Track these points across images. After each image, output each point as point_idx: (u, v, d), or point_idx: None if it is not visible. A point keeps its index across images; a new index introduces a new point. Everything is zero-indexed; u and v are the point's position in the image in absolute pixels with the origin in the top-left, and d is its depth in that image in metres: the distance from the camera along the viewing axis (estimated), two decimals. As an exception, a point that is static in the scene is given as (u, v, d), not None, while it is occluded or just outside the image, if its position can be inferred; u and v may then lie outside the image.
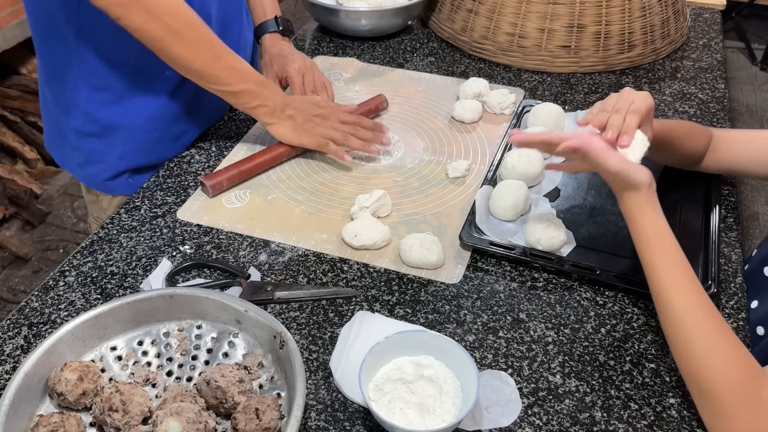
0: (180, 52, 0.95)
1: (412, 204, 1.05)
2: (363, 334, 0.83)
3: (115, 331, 0.78)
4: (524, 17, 1.36)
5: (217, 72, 0.99)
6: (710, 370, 0.69)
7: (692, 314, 0.72)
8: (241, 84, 1.01)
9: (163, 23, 0.91)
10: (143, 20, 0.90)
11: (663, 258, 0.76)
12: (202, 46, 0.96)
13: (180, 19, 0.93)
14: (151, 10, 0.90)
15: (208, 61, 0.97)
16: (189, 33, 0.94)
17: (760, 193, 2.69)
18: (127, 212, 1.03)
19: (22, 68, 2.57)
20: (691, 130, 0.98)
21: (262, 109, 1.04)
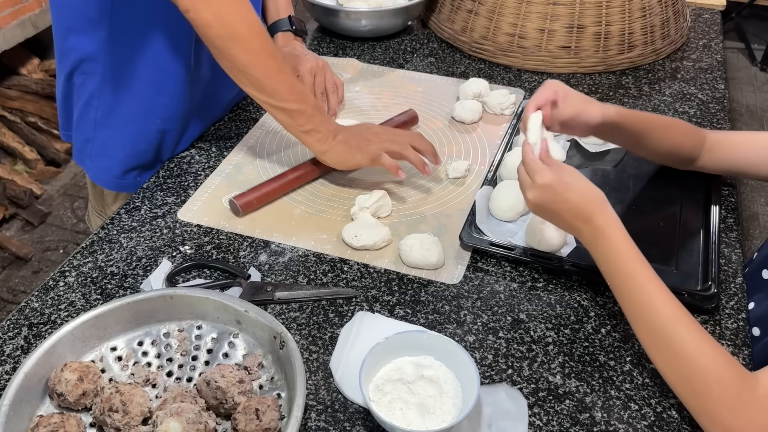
0: (242, 57, 0.93)
1: (412, 204, 1.05)
2: (363, 334, 0.83)
3: (115, 331, 0.78)
4: (524, 18, 1.36)
5: (276, 85, 0.96)
6: (703, 370, 0.69)
7: (679, 318, 0.72)
8: (298, 103, 0.97)
9: (227, 24, 0.90)
10: (209, 17, 0.89)
11: (642, 267, 0.75)
12: (265, 56, 0.94)
13: (245, 23, 0.91)
14: (216, 9, 0.89)
15: (269, 72, 0.95)
16: (252, 39, 0.92)
17: (760, 193, 2.69)
18: (127, 212, 1.03)
19: (22, 68, 2.58)
20: (673, 123, 0.98)
21: (316, 135, 1.00)
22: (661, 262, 0.93)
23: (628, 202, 1.04)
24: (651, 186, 1.07)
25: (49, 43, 2.66)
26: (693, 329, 0.71)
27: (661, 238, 0.97)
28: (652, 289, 0.74)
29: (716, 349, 0.70)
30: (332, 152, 1.02)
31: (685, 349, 0.71)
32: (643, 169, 1.09)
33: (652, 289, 0.74)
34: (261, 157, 1.14)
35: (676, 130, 0.97)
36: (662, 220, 1.00)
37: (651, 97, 1.31)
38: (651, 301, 0.74)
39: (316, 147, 1.02)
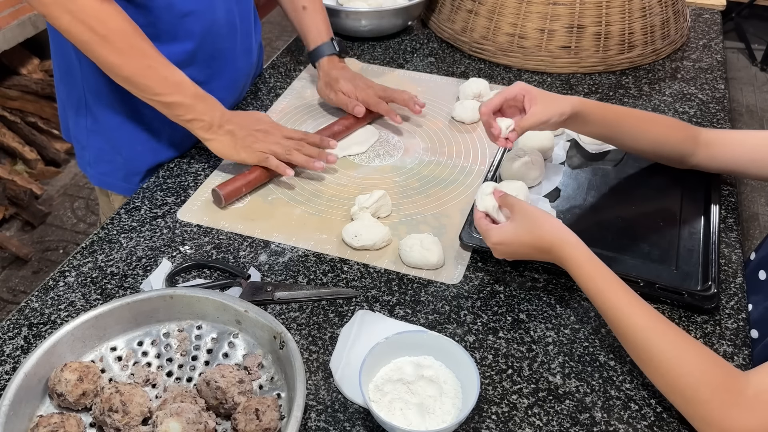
0: (108, 58, 0.94)
1: (412, 204, 1.05)
2: (363, 334, 0.83)
3: (115, 331, 0.78)
4: (524, 18, 1.36)
5: (146, 81, 0.97)
6: (687, 376, 0.70)
7: (654, 328, 0.73)
8: (173, 96, 0.99)
9: (87, 27, 0.90)
10: (68, 22, 0.90)
11: (608, 284, 0.77)
12: (131, 54, 0.95)
13: (107, 24, 0.91)
14: (74, 12, 0.89)
15: (138, 70, 0.96)
16: (117, 39, 0.93)
17: (760, 193, 2.69)
18: (127, 213, 1.03)
19: (22, 68, 2.57)
20: (655, 118, 0.99)
21: (198, 123, 1.02)
22: (661, 262, 0.93)
23: (628, 202, 1.04)
24: (651, 186, 1.07)
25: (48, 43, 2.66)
26: (671, 337, 0.72)
27: (661, 238, 0.97)
28: (622, 304, 0.75)
29: (699, 352, 0.70)
30: (217, 142, 1.04)
31: (666, 358, 0.71)
32: (644, 169, 1.09)
33: (622, 304, 0.75)
34: (261, 157, 1.14)
35: (659, 124, 0.98)
36: (662, 220, 1.00)
37: (651, 97, 1.31)
38: (624, 317, 0.75)
39: (199, 135, 1.04)
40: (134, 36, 0.95)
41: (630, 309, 0.74)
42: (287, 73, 1.39)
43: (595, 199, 1.05)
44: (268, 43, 3.41)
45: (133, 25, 0.94)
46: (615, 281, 0.77)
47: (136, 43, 0.95)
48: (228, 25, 1.12)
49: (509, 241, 0.84)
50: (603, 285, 0.77)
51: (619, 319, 0.75)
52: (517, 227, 0.83)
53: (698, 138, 0.98)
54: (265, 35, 3.50)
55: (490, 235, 0.85)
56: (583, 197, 1.05)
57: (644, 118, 0.98)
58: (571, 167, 1.11)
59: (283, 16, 1.78)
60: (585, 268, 0.78)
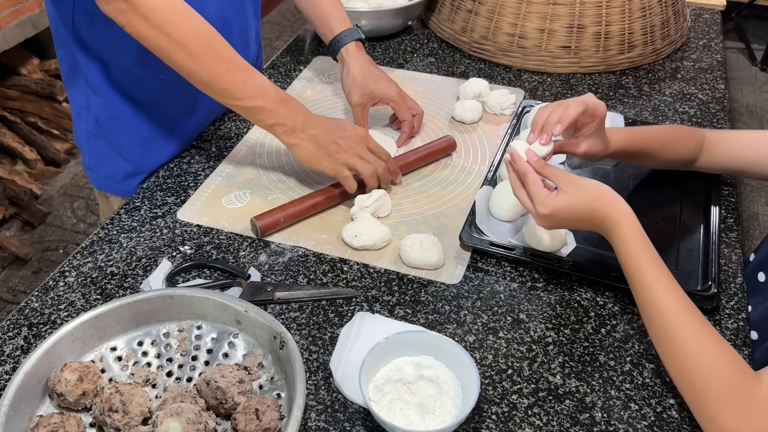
0: (185, 63, 0.92)
1: (412, 204, 1.05)
2: (363, 334, 0.83)
3: (115, 331, 0.78)
4: (524, 18, 1.36)
5: (226, 85, 0.95)
6: (702, 368, 0.69)
7: (682, 315, 0.72)
8: (254, 100, 0.96)
9: (162, 32, 0.89)
10: (143, 28, 0.89)
11: (651, 264, 0.76)
12: (209, 58, 0.93)
13: (182, 28, 0.90)
14: (149, 18, 0.88)
15: (216, 73, 0.93)
16: (193, 43, 0.91)
17: (760, 193, 2.69)
18: (127, 213, 1.03)
19: (22, 68, 2.57)
20: (672, 136, 0.99)
21: (280, 128, 0.98)
22: (661, 262, 0.93)
23: (628, 202, 1.04)
24: (651, 186, 1.07)
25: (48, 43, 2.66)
26: (696, 327, 0.71)
27: (661, 238, 0.96)
28: (658, 285, 0.74)
29: (719, 347, 0.70)
30: (300, 148, 1.00)
31: (687, 346, 0.71)
32: (643, 169, 1.09)
33: (658, 285, 0.74)
34: (261, 157, 1.14)
35: (676, 141, 0.98)
36: (662, 220, 1.00)
37: (651, 97, 1.31)
38: (656, 298, 0.74)
39: (283, 139, 1.00)
40: (210, 38, 0.93)
41: (664, 291, 0.74)
42: (287, 73, 1.39)
43: (595, 199, 1.04)
44: (268, 43, 3.41)
45: (208, 26, 0.93)
46: (656, 260, 0.76)
47: (212, 45, 0.93)
48: (221, 20, 1.10)
49: (563, 213, 0.81)
50: (643, 262, 0.76)
51: (651, 298, 0.75)
52: (570, 199, 0.80)
53: (703, 143, 0.98)
54: (265, 35, 3.50)
55: (547, 203, 0.81)
56: (583, 197, 1.05)
57: (665, 139, 0.98)
58: (571, 167, 1.11)
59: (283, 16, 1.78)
60: (631, 242, 0.77)
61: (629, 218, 0.78)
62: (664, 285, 0.74)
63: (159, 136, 1.11)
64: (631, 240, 0.77)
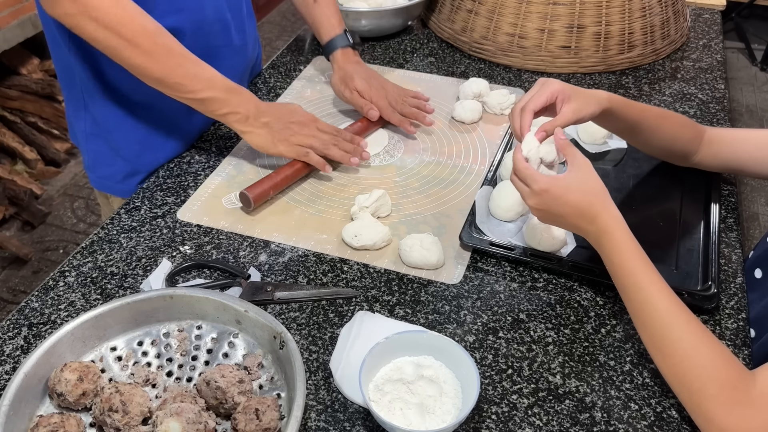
0: (137, 60, 0.94)
1: (412, 204, 1.05)
2: (363, 334, 0.83)
3: (115, 331, 0.78)
4: (524, 18, 1.36)
5: (178, 79, 0.97)
6: (698, 368, 0.70)
7: (676, 316, 0.73)
8: (205, 91, 0.99)
9: (113, 32, 0.90)
10: (93, 30, 0.90)
11: (644, 266, 0.76)
12: (160, 54, 0.94)
13: (132, 27, 0.91)
14: (100, 19, 0.89)
15: (168, 69, 0.96)
16: (144, 41, 0.93)
17: (760, 193, 2.69)
18: (127, 213, 1.03)
19: (22, 68, 2.57)
20: (671, 117, 0.98)
21: (233, 117, 1.02)
22: (661, 262, 0.93)
23: (628, 202, 1.04)
24: (651, 186, 1.07)
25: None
26: (691, 327, 0.71)
27: (661, 238, 0.97)
28: (651, 287, 0.74)
29: (714, 347, 0.70)
30: (254, 135, 1.04)
31: (681, 347, 0.71)
32: (643, 169, 1.09)
33: (651, 287, 0.74)
34: (261, 157, 1.14)
35: (673, 122, 0.97)
36: (662, 220, 1.00)
37: (651, 97, 1.31)
38: (650, 299, 0.74)
39: (236, 127, 1.04)
40: (159, 35, 0.95)
41: (657, 293, 0.74)
42: (287, 73, 1.39)
43: (595, 199, 1.04)
44: (268, 43, 3.41)
45: (157, 24, 0.94)
46: (648, 265, 0.76)
47: (162, 42, 0.95)
48: (219, 21, 1.11)
49: (558, 194, 0.79)
50: (635, 266, 0.76)
51: (644, 301, 0.74)
52: (571, 183, 0.79)
53: (702, 136, 0.98)
54: (265, 35, 3.50)
55: (536, 180, 0.80)
56: (583, 197, 1.05)
57: (661, 115, 0.97)
58: (571, 167, 1.11)
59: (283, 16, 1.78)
60: (622, 245, 0.77)
61: (621, 222, 0.79)
62: (658, 287, 0.74)
63: (157, 135, 1.11)
64: (624, 243, 0.77)
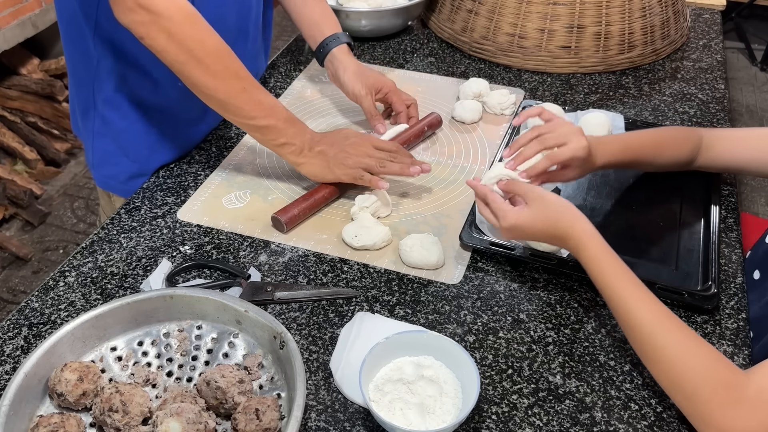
0: (203, 80, 0.92)
1: (412, 204, 1.05)
2: (363, 334, 0.83)
3: (115, 331, 0.78)
4: (524, 18, 1.36)
5: (241, 104, 0.95)
6: (690, 372, 0.70)
7: (660, 324, 0.73)
8: (267, 119, 0.97)
9: (184, 48, 0.89)
10: (164, 42, 0.88)
11: (622, 279, 0.77)
12: (227, 76, 0.93)
13: (204, 45, 0.90)
14: (172, 33, 0.87)
15: (233, 92, 0.94)
16: (212, 61, 0.91)
17: (760, 193, 2.69)
18: (127, 213, 1.03)
19: (22, 68, 2.57)
20: (667, 140, 0.99)
21: (289, 148, 0.99)
22: (661, 262, 0.93)
23: (628, 202, 1.04)
24: (651, 186, 1.07)
25: (48, 43, 2.66)
26: (676, 333, 0.72)
27: (661, 238, 0.97)
28: (631, 298, 0.75)
29: (703, 349, 0.70)
30: (309, 165, 1.01)
31: (670, 354, 0.71)
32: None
33: (631, 298, 0.75)
34: (261, 157, 1.14)
35: (671, 145, 0.99)
36: (662, 220, 1.01)
37: (651, 97, 1.31)
38: (632, 310, 0.75)
39: (291, 159, 1.01)
40: (229, 57, 0.93)
41: (638, 303, 0.75)
42: (287, 73, 1.39)
43: (595, 199, 1.05)
44: (268, 43, 3.41)
45: (226, 45, 0.93)
46: (626, 274, 0.77)
47: (230, 65, 0.93)
48: (239, 32, 1.11)
49: (525, 227, 0.84)
50: (613, 277, 0.77)
51: (627, 312, 0.75)
52: (534, 214, 0.83)
53: (701, 143, 0.98)
54: (265, 35, 3.50)
55: (508, 216, 0.85)
56: (583, 197, 1.05)
57: (659, 144, 0.98)
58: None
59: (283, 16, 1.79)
60: (598, 258, 0.79)
61: (593, 236, 0.80)
62: (637, 297, 0.75)
63: (167, 140, 1.11)
64: (598, 258, 0.79)
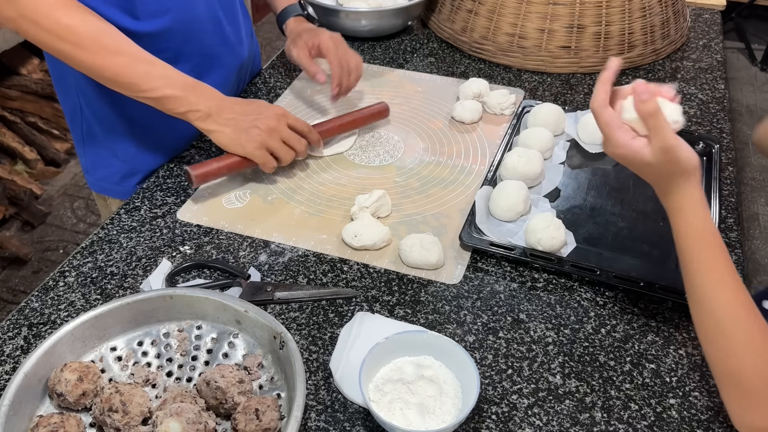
0: (87, 63, 0.92)
1: (412, 204, 1.05)
2: (363, 334, 0.83)
3: (115, 331, 0.78)
4: (524, 18, 1.36)
5: (131, 79, 0.94)
6: (747, 363, 0.68)
7: (731, 308, 0.70)
8: (162, 89, 0.95)
9: (56, 36, 0.89)
10: (35, 33, 0.88)
11: (708, 253, 0.72)
12: (107, 54, 0.92)
13: (74, 31, 0.89)
14: (39, 23, 0.87)
15: (119, 68, 0.93)
16: (89, 43, 0.91)
17: (760, 193, 2.69)
18: (127, 213, 1.03)
19: (22, 68, 2.57)
20: None
21: (194, 114, 0.97)
22: (661, 261, 0.93)
23: (628, 202, 1.04)
24: (651, 186, 1.07)
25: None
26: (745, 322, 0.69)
27: (661, 238, 0.97)
28: (711, 275, 0.71)
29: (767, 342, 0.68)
30: (219, 134, 1.00)
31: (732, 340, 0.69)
32: (643, 169, 1.09)
33: (711, 275, 0.71)
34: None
35: None
36: (662, 219, 1.00)
37: (651, 97, 1.31)
38: (706, 288, 0.71)
39: (200, 126, 0.99)
40: (106, 36, 0.92)
41: (717, 282, 0.71)
42: (287, 73, 1.39)
43: (594, 199, 1.05)
44: (268, 42, 3.41)
45: (103, 22, 0.92)
46: (714, 251, 0.72)
47: (109, 42, 0.92)
48: (212, 20, 1.10)
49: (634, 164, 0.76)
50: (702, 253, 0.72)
51: (698, 289, 0.72)
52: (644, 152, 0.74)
53: None
54: (265, 35, 3.50)
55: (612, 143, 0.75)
56: (583, 197, 1.05)
57: None
58: (571, 167, 1.11)
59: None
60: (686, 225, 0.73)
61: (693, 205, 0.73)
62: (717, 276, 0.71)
63: (154, 137, 1.11)
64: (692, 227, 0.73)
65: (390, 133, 1.21)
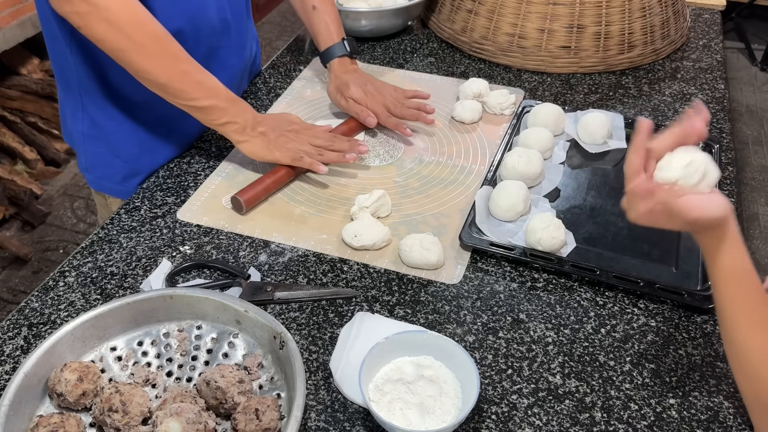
0: (143, 65, 0.93)
1: (412, 204, 1.05)
2: (363, 334, 0.83)
3: (115, 331, 0.78)
4: (524, 18, 1.36)
5: (182, 86, 0.97)
6: None
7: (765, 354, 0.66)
8: (208, 99, 0.99)
9: (124, 34, 0.90)
10: (104, 31, 0.89)
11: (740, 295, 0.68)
12: (167, 60, 0.94)
13: (143, 31, 0.91)
14: (112, 21, 0.89)
15: (174, 75, 0.96)
16: (152, 45, 0.92)
17: (760, 193, 2.69)
18: (127, 213, 1.03)
19: (22, 68, 2.58)
20: None
21: (232, 126, 1.02)
22: (661, 262, 0.93)
23: (628, 202, 1.04)
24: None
25: (49, 43, 2.66)
26: None
27: (661, 238, 0.97)
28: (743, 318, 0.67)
29: None
30: (250, 144, 1.04)
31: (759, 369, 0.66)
32: (643, 169, 1.09)
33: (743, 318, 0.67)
34: (261, 157, 1.14)
35: None
36: (662, 220, 1.00)
37: (651, 97, 1.31)
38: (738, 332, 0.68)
39: (233, 137, 1.04)
40: (168, 41, 0.94)
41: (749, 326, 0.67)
42: (287, 73, 1.39)
43: (595, 199, 1.05)
44: (268, 43, 3.41)
45: (164, 30, 0.94)
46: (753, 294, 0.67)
47: (170, 47, 0.95)
48: (221, 22, 1.11)
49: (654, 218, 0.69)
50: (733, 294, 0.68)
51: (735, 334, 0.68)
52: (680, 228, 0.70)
53: None
54: (265, 35, 3.50)
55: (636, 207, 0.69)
56: (583, 197, 1.05)
57: None
58: (571, 167, 1.11)
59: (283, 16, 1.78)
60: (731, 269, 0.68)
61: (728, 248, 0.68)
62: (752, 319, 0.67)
63: (157, 137, 1.11)
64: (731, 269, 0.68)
65: (390, 133, 1.21)
